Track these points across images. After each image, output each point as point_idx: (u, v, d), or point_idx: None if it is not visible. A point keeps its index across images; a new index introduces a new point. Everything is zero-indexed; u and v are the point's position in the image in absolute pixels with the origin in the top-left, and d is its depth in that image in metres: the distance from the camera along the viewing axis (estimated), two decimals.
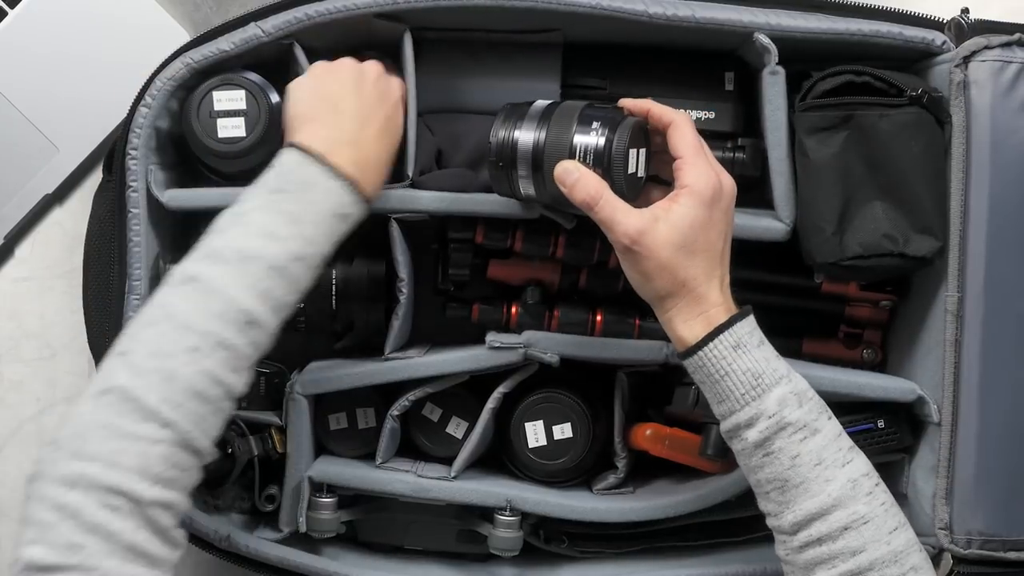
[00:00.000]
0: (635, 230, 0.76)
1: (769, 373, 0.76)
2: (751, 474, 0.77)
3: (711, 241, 0.78)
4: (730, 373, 0.76)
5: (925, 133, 0.86)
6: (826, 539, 0.74)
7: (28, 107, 1.02)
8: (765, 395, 0.75)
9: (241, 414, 0.94)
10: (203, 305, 0.71)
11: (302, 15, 0.87)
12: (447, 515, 0.97)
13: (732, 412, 0.77)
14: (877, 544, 0.73)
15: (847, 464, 0.76)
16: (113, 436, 0.66)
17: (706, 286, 0.77)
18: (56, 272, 1.06)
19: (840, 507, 0.74)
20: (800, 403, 0.76)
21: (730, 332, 0.76)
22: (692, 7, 0.87)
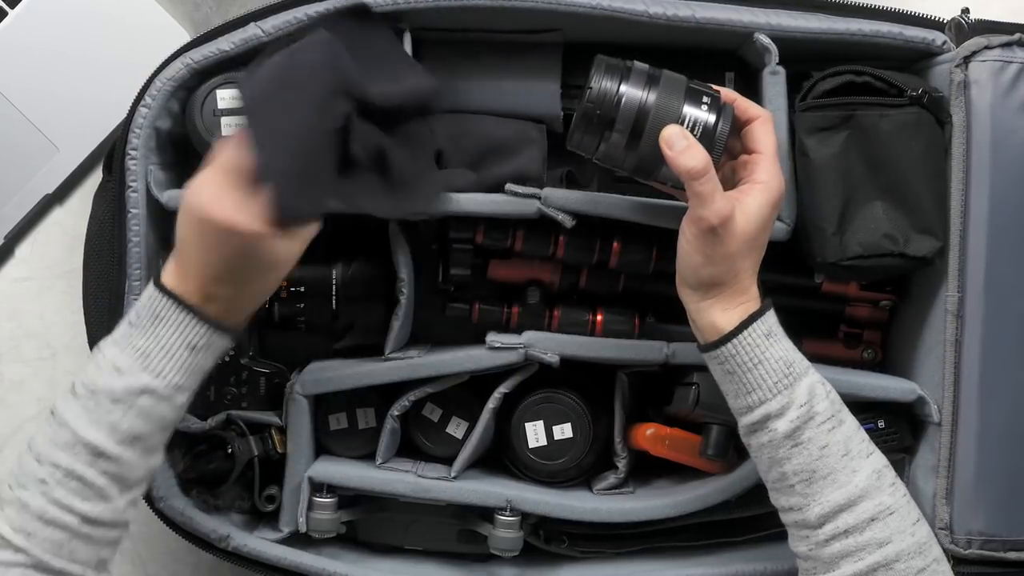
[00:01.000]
0: (726, 213, 0.76)
1: (799, 362, 0.77)
2: (775, 467, 0.77)
3: (764, 239, 0.79)
4: (763, 361, 0.77)
5: (925, 133, 0.86)
6: (853, 531, 0.74)
7: (28, 107, 1.02)
8: (796, 383, 0.76)
9: (241, 414, 0.94)
10: (53, 438, 0.75)
11: (302, 15, 0.87)
12: (447, 515, 0.97)
13: (763, 402, 0.77)
14: (903, 535, 0.74)
15: (871, 455, 0.77)
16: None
17: (750, 280, 0.79)
18: (56, 272, 1.06)
19: (867, 498, 0.74)
20: (827, 393, 0.77)
21: (763, 320, 0.77)
22: (692, 7, 0.87)
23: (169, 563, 1.08)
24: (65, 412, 0.76)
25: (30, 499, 0.74)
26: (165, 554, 1.08)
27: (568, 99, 0.93)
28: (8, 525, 0.74)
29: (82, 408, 0.76)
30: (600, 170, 0.99)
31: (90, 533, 0.76)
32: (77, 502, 0.75)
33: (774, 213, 0.79)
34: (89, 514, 0.75)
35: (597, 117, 0.79)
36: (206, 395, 0.95)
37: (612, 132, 0.79)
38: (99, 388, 0.76)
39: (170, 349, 0.76)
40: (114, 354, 0.77)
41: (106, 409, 0.75)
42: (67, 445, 0.75)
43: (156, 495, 0.92)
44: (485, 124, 0.91)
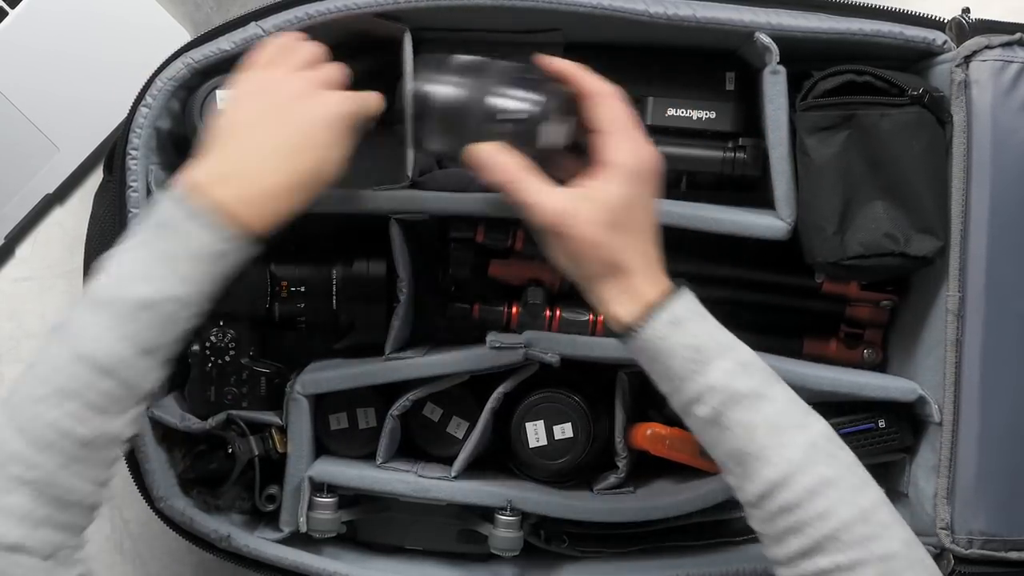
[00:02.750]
0: (556, 211, 0.74)
1: (711, 346, 0.73)
2: (710, 449, 0.75)
3: (640, 219, 0.75)
4: (670, 350, 0.73)
5: (926, 133, 0.86)
6: (793, 506, 0.71)
7: (28, 107, 1.02)
8: (709, 369, 0.73)
9: (241, 414, 0.94)
10: (56, 354, 0.70)
11: (302, 14, 0.87)
12: (447, 515, 0.97)
13: (677, 390, 0.74)
14: (845, 505, 0.70)
15: (804, 428, 0.73)
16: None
17: (640, 267, 0.75)
18: (56, 272, 1.06)
19: (802, 472, 0.71)
20: (748, 373, 0.73)
21: (666, 309, 0.74)
22: (693, 7, 0.87)
23: (169, 563, 1.08)
24: (73, 324, 0.71)
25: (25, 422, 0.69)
26: (165, 554, 1.08)
27: None
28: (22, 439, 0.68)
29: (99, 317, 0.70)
30: None
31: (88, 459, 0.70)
32: (74, 424, 0.69)
33: (643, 188, 0.75)
34: (87, 438, 0.70)
35: (416, 116, 0.80)
36: (206, 395, 0.95)
37: (432, 131, 0.79)
38: (119, 296, 0.71)
39: (193, 254, 0.72)
40: (135, 262, 0.72)
41: (126, 317, 0.70)
42: (76, 359, 0.70)
43: (156, 495, 0.92)
44: None
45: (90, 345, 0.70)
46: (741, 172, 0.92)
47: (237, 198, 0.73)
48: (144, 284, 0.71)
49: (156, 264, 0.71)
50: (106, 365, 0.70)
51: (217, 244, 0.72)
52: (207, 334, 0.94)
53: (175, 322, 0.72)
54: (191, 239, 0.72)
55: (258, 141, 0.75)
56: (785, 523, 0.71)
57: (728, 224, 0.88)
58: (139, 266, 0.72)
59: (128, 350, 0.70)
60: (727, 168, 0.93)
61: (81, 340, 0.70)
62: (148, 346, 0.71)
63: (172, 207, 0.73)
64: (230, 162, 0.75)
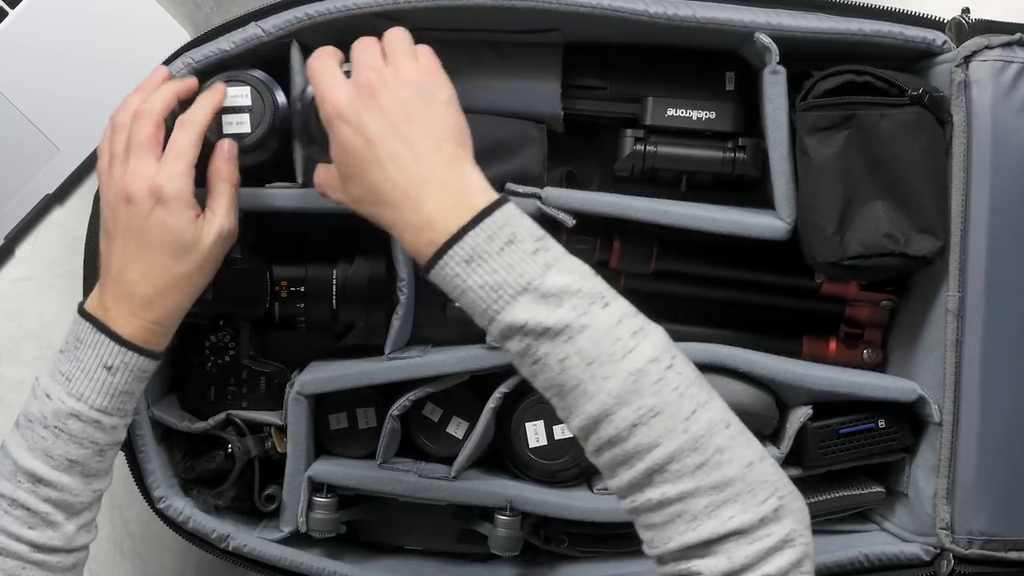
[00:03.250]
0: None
1: (511, 282, 0.68)
2: (531, 383, 0.71)
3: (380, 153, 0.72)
4: (467, 290, 0.69)
5: (926, 133, 0.86)
6: (617, 440, 0.67)
7: (28, 107, 1.02)
8: (511, 305, 0.68)
9: (241, 414, 0.94)
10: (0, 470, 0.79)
11: (302, 15, 0.87)
12: (447, 515, 0.97)
13: (485, 327, 0.70)
14: (672, 435, 0.66)
15: (628, 354, 0.67)
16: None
17: (415, 199, 0.71)
18: (56, 272, 1.06)
19: (624, 404, 0.66)
20: (559, 302, 0.68)
21: (460, 246, 0.69)
22: (693, 7, 0.87)
23: (169, 563, 1.08)
24: (8, 443, 0.79)
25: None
26: (165, 554, 1.08)
27: (568, 99, 0.93)
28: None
29: (21, 437, 0.79)
30: (600, 169, 0.99)
31: (43, 560, 0.78)
32: (24, 530, 0.77)
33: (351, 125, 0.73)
34: (36, 541, 0.77)
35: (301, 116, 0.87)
36: (206, 395, 0.95)
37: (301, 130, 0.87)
38: (33, 416, 0.79)
39: (88, 370, 0.78)
40: (45, 381, 0.79)
41: (40, 435, 0.78)
42: (10, 474, 0.78)
43: (156, 495, 0.92)
44: (485, 123, 0.91)
45: (19, 460, 0.78)
46: (741, 172, 0.92)
47: (120, 318, 0.79)
48: (46, 403, 0.78)
49: (56, 385, 0.79)
50: (34, 477, 0.78)
51: (109, 357, 0.78)
52: (207, 334, 0.94)
53: (82, 437, 0.79)
54: (88, 355, 0.78)
55: (117, 259, 0.80)
56: (612, 456, 0.68)
57: (728, 224, 0.88)
58: (45, 387, 0.79)
59: (44, 466, 0.78)
60: (727, 168, 0.93)
61: (11, 457, 0.78)
62: (62, 462, 0.78)
63: (71, 326, 0.80)
64: (104, 283, 0.81)
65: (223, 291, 0.90)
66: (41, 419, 0.78)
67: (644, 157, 0.92)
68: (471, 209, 0.70)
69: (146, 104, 0.81)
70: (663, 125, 0.92)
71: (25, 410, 0.80)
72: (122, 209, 0.79)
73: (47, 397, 0.79)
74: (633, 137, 0.92)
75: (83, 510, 0.80)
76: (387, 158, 0.72)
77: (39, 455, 0.78)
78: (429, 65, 0.76)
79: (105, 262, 0.81)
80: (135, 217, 0.79)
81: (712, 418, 0.68)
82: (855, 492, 0.95)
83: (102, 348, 0.78)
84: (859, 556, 0.91)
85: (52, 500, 0.78)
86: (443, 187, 0.71)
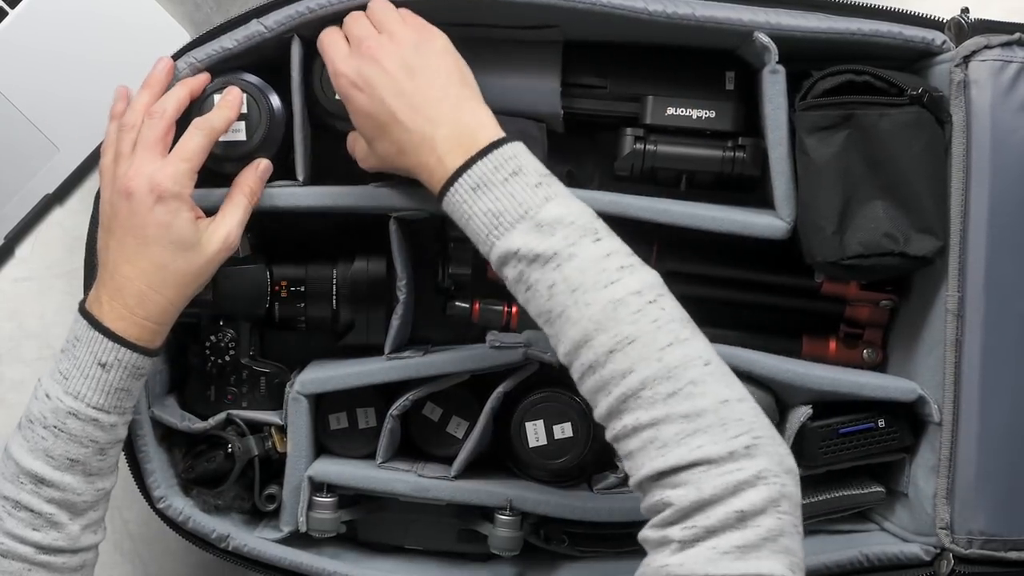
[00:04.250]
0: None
1: (511, 210, 0.74)
2: (527, 310, 0.75)
3: (394, 108, 0.79)
4: (472, 216, 0.75)
5: (925, 132, 0.86)
6: (596, 365, 0.70)
7: (28, 107, 1.02)
8: (508, 233, 0.73)
9: (241, 414, 0.94)
10: (2, 471, 0.79)
11: (304, 8, 0.87)
12: (447, 515, 0.97)
13: (486, 254, 0.76)
14: (646, 362, 0.68)
15: (610, 285, 0.71)
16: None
17: (431, 140, 0.77)
18: (56, 272, 1.06)
19: (602, 331, 0.69)
20: (552, 231, 0.72)
21: (468, 174, 0.75)
22: (692, 5, 0.87)
23: (169, 563, 1.08)
24: (10, 445, 0.79)
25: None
26: (165, 554, 1.08)
27: (568, 98, 0.93)
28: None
29: (22, 438, 0.79)
30: (600, 169, 0.99)
31: (48, 561, 0.78)
32: (28, 532, 0.78)
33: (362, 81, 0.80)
34: (41, 543, 0.78)
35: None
36: (206, 395, 0.95)
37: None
38: (34, 416, 0.79)
39: (84, 368, 0.79)
40: (45, 381, 0.80)
41: (40, 436, 0.78)
42: (13, 477, 0.78)
43: (156, 495, 0.92)
44: None
45: (21, 461, 0.78)
46: (741, 172, 0.92)
47: (113, 314, 0.80)
48: (45, 403, 0.79)
49: (55, 385, 0.79)
50: (37, 478, 0.78)
51: (103, 354, 0.79)
52: (207, 334, 0.94)
53: (82, 436, 0.79)
54: (83, 353, 0.79)
55: (113, 255, 0.81)
56: (592, 382, 0.71)
57: (728, 224, 0.88)
58: (45, 387, 0.80)
59: (45, 466, 0.78)
60: (727, 168, 0.93)
61: (13, 459, 0.79)
62: (63, 462, 0.78)
63: (70, 325, 0.81)
64: (101, 279, 0.81)
65: (223, 291, 0.90)
66: (41, 419, 0.79)
67: (644, 156, 0.92)
68: (480, 143, 0.76)
69: (158, 104, 0.83)
70: (663, 124, 0.92)
71: (27, 411, 0.80)
72: (122, 205, 0.80)
73: (47, 397, 0.79)
74: (633, 136, 0.93)
75: (87, 510, 0.80)
76: (400, 111, 0.78)
77: (40, 456, 0.78)
78: (417, 23, 0.83)
79: (102, 259, 0.82)
80: (134, 213, 0.79)
81: (689, 353, 0.69)
82: (855, 492, 0.95)
83: (95, 345, 0.79)
84: (859, 556, 0.91)
85: (56, 500, 0.78)
86: (454, 126, 0.77)
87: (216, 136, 0.84)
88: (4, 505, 0.78)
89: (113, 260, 0.80)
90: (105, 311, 0.79)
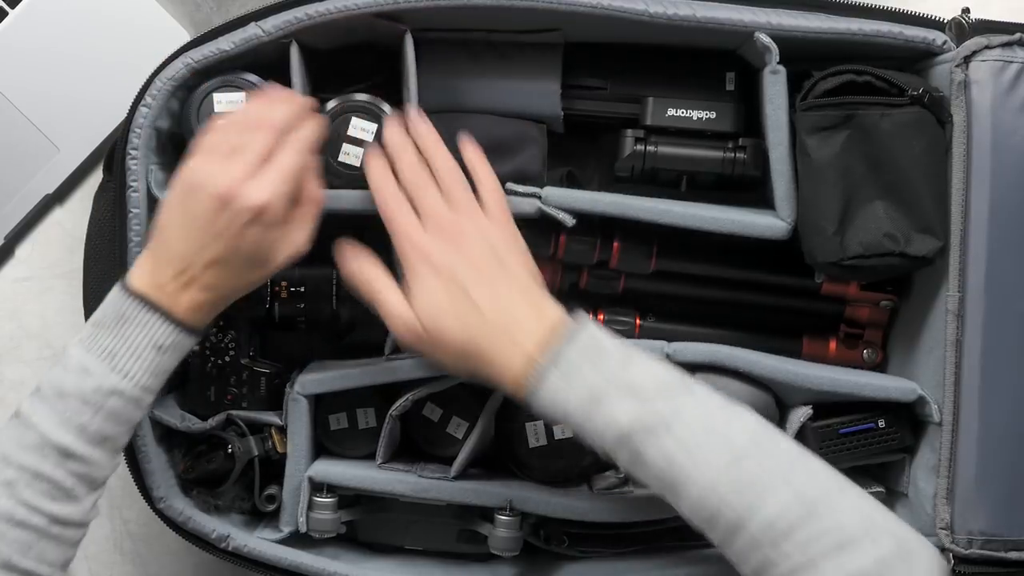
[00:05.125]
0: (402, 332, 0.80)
1: (607, 389, 0.74)
2: (641, 482, 0.76)
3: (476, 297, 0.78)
4: (568, 403, 0.75)
5: (926, 133, 0.86)
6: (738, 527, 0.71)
7: (28, 107, 1.02)
8: (611, 412, 0.74)
9: (241, 414, 0.94)
10: (19, 440, 0.76)
11: (302, 15, 0.87)
12: (447, 515, 0.97)
13: (588, 438, 0.76)
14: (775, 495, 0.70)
15: (724, 437, 0.73)
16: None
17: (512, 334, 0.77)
18: (56, 272, 1.06)
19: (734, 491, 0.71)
20: (652, 399, 0.74)
21: (557, 365, 0.75)
22: (693, 6, 0.87)
23: (169, 563, 1.08)
24: (32, 414, 0.76)
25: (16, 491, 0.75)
26: (165, 554, 1.08)
27: (568, 99, 0.93)
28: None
29: (50, 410, 0.76)
30: (600, 169, 0.99)
31: (59, 534, 0.77)
32: (46, 503, 0.76)
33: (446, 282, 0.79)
34: (58, 515, 0.76)
35: None
36: (206, 395, 0.95)
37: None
38: (67, 390, 0.76)
39: (136, 348, 0.77)
40: (81, 355, 0.77)
41: (75, 410, 0.76)
42: (35, 447, 0.76)
43: (156, 495, 0.92)
44: (485, 123, 0.91)
45: (48, 433, 0.76)
46: (741, 172, 0.92)
47: (174, 299, 0.78)
48: (85, 378, 0.76)
49: (98, 361, 0.77)
50: (66, 452, 0.76)
51: (162, 337, 0.78)
52: (207, 334, 0.94)
53: (120, 415, 0.77)
54: (136, 333, 0.77)
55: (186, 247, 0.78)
56: (739, 545, 0.71)
57: (728, 224, 0.88)
58: (83, 361, 0.77)
59: (77, 440, 0.76)
60: (727, 168, 0.92)
61: (38, 430, 0.76)
62: (96, 437, 0.77)
63: (113, 302, 0.78)
64: (170, 255, 0.78)
65: None
66: (79, 394, 0.76)
67: (644, 157, 0.92)
68: (560, 332, 0.77)
69: (303, 134, 0.81)
70: (663, 125, 0.92)
71: (53, 382, 0.77)
72: (213, 207, 0.77)
73: (86, 372, 0.76)
74: (633, 137, 0.92)
75: (100, 485, 0.79)
76: (481, 301, 0.78)
77: (72, 429, 0.76)
78: (495, 211, 0.83)
79: (164, 234, 0.79)
80: (228, 223, 0.77)
81: (814, 473, 0.72)
82: None
83: (154, 328, 0.77)
84: None
85: (78, 474, 0.77)
86: (533, 320, 0.78)
87: (309, 155, 0.82)
88: (22, 475, 0.75)
89: (185, 251, 0.78)
90: (167, 294, 0.78)
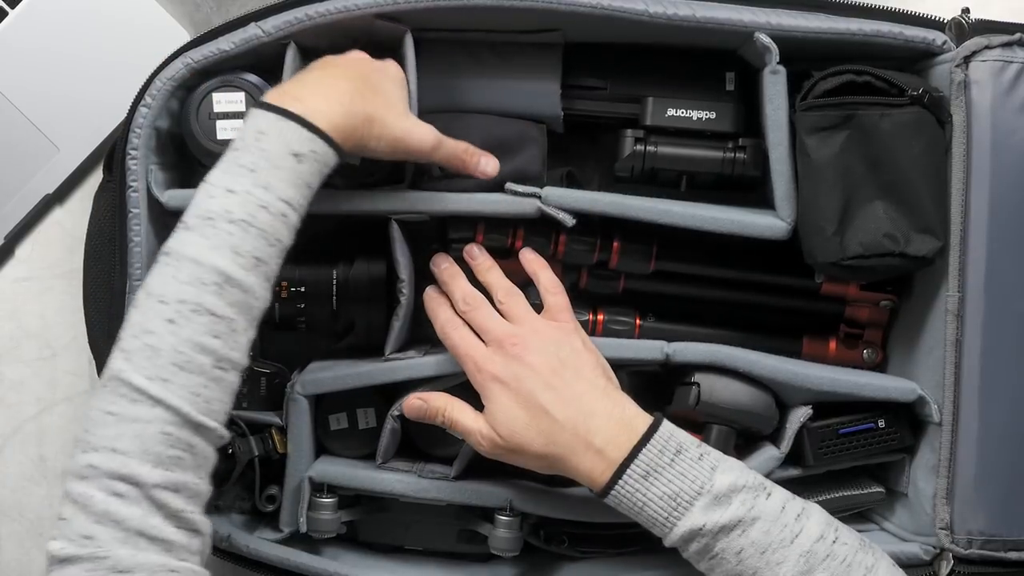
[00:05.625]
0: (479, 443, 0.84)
1: (687, 489, 0.77)
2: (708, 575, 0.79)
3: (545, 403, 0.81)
4: (647, 504, 0.78)
5: (926, 133, 0.86)
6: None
7: (28, 107, 1.02)
8: (688, 511, 0.77)
9: (241, 414, 0.94)
10: (173, 275, 0.71)
11: (302, 15, 0.87)
12: (447, 515, 0.97)
13: (664, 535, 0.78)
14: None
15: (797, 537, 0.76)
16: (111, 422, 0.68)
17: (585, 433, 0.80)
18: (56, 272, 1.06)
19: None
20: (729, 500, 0.77)
21: (636, 464, 0.78)
22: (693, 7, 0.87)
23: None
24: (183, 247, 0.72)
25: (160, 342, 0.69)
26: None
27: (568, 99, 0.93)
28: (141, 375, 0.68)
29: (200, 236, 0.72)
30: (600, 170, 0.99)
31: (222, 376, 0.72)
32: (209, 339, 0.71)
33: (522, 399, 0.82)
34: (219, 351, 0.71)
35: None
36: None
37: None
38: (214, 212, 0.72)
39: (274, 159, 0.74)
40: (222, 178, 0.74)
41: (226, 231, 0.72)
42: (191, 279, 0.71)
43: None
44: (485, 123, 0.91)
45: (203, 260, 0.71)
46: (741, 172, 0.92)
47: (313, 105, 0.76)
48: (230, 198, 0.73)
49: (240, 178, 0.73)
50: (224, 278, 0.71)
51: (297, 143, 0.75)
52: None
53: (270, 232, 0.74)
54: (273, 143, 0.74)
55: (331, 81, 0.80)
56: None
57: (728, 224, 0.88)
58: (225, 183, 0.74)
59: (232, 263, 0.72)
60: (727, 168, 0.93)
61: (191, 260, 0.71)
62: (251, 260, 0.73)
63: (248, 122, 0.76)
64: (301, 83, 0.80)
65: None
66: (225, 214, 0.72)
67: (644, 157, 0.92)
68: (637, 430, 0.79)
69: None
70: (663, 125, 0.92)
71: (198, 210, 0.73)
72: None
73: (229, 192, 0.73)
74: (633, 137, 0.93)
75: (254, 321, 0.75)
76: (552, 407, 0.80)
77: (226, 252, 0.72)
78: (557, 314, 0.87)
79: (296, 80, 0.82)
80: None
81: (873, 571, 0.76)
82: (855, 492, 0.95)
83: (290, 133, 0.75)
84: None
85: (238, 304, 0.72)
86: (606, 417, 0.80)
87: None
88: (181, 310, 0.70)
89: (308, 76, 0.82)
90: (308, 105, 0.76)
